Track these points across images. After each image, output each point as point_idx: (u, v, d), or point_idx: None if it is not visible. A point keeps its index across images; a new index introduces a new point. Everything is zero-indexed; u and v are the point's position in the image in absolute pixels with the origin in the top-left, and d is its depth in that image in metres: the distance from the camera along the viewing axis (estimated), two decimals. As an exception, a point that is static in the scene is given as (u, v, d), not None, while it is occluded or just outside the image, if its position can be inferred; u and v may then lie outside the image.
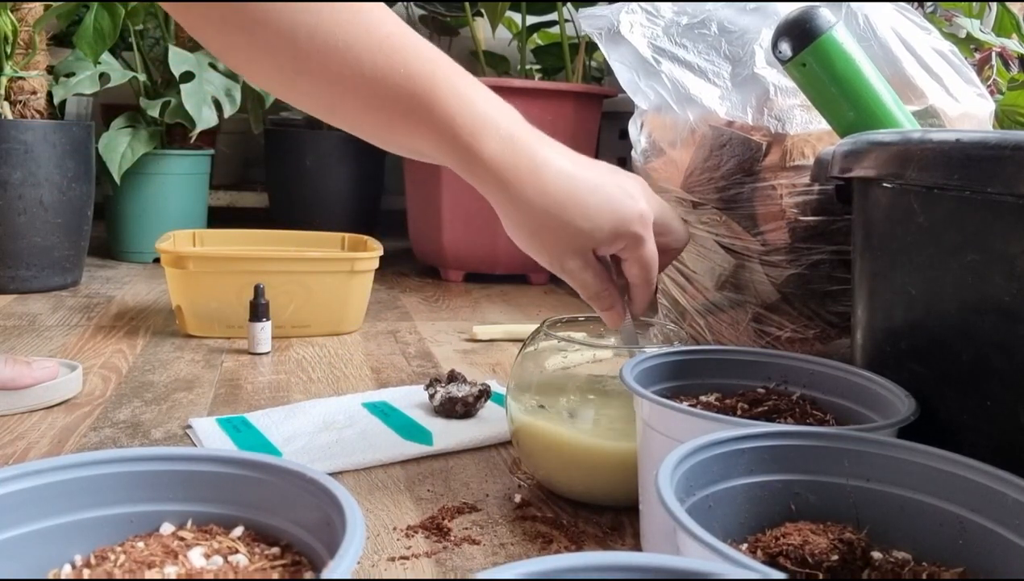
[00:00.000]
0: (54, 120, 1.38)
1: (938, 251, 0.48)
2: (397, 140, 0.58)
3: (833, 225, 0.74)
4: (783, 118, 0.75)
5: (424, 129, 0.56)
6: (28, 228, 1.30)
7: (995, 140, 0.44)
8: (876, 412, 0.52)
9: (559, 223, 0.56)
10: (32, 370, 0.78)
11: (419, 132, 0.56)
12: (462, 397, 0.78)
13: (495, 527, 0.59)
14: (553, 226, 0.57)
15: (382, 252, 1.17)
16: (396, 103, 0.55)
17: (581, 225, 0.57)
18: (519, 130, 0.57)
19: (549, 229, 0.57)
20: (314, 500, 0.36)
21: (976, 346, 0.46)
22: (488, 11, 1.70)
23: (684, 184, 0.79)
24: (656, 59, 0.81)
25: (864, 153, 0.54)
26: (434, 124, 0.55)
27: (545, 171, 0.56)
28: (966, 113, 0.76)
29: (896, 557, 0.39)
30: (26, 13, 1.37)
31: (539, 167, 0.56)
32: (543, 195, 0.56)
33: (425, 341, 1.13)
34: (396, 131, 0.57)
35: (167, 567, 0.35)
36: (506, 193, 0.56)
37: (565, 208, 0.56)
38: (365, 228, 1.50)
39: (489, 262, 1.59)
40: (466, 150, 0.55)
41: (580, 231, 0.57)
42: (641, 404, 0.51)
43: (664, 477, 0.36)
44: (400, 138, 0.58)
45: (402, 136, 0.57)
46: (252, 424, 0.75)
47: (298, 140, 1.93)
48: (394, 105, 0.55)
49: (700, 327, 0.84)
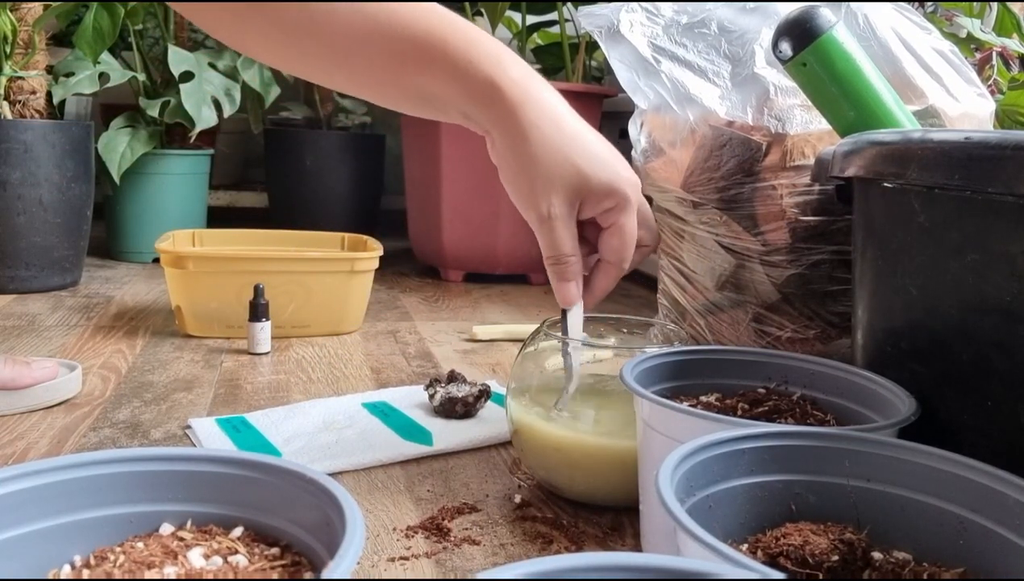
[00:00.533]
0: (53, 120, 1.38)
1: (938, 251, 0.48)
2: (407, 83, 0.59)
3: (833, 225, 0.74)
4: (783, 118, 0.75)
5: (439, 63, 0.57)
6: (27, 228, 1.30)
7: (995, 140, 0.44)
8: (876, 412, 0.52)
9: (562, 156, 0.57)
10: (32, 370, 0.78)
11: (434, 70, 0.57)
12: (462, 397, 0.78)
13: (495, 527, 0.58)
14: (555, 158, 0.57)
15: (382, 252, 1.17)
16: (409, 43, 0.56)
17: (582, 165, 0.57)
18: (532, 72, 0.59)
19: (550, 161, 0.57)
20: (314, 500, 0.36)
21: (977, 346, 0.46)
22: (488, 11, 1.69)
23: (684, 184, 0.79)
24: (656, 58, 0.81)
25: (864, 153, 0.54)
26: (450, 59, 0.56)
27: (556, 109, 0.58)
28: (966, 113, 0.76)
29: (896, 557, 0.39)
30: (26, 13, 1.37)
31: (551, 104, 0.58)
32: (554, 126, 0.57)
33: (425, 341, 1.13)
34: (408, 72, 0.58)
35: (167, 567, 0.35)
36: (518, 117, 0.57)
37: (571, 145, 0.57)
38: (365, 228, 1.50)
39: (489, 262, 1.59)
40: (486, 77, 0.56)
41: (579, 171, 0.57)
42: (641, 404, 0.51)
43: (664, 477, 0.36)
44: (411, 79, 0.58)
45: (413, 76, 0.58)
46: (252, 424, 0.75)
47: (298, 140, 1.93)
48: (406, 46, 0.56)
49: (700, 327, 0.84)
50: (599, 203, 0.58)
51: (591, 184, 0.57)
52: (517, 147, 0.57)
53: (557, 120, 0.57)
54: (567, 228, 0.58)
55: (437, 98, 0.59)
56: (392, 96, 0.61)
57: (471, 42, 0.57)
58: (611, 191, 0.57)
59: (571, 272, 0.59)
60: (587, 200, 0.58)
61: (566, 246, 0.58)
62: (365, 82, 0.60)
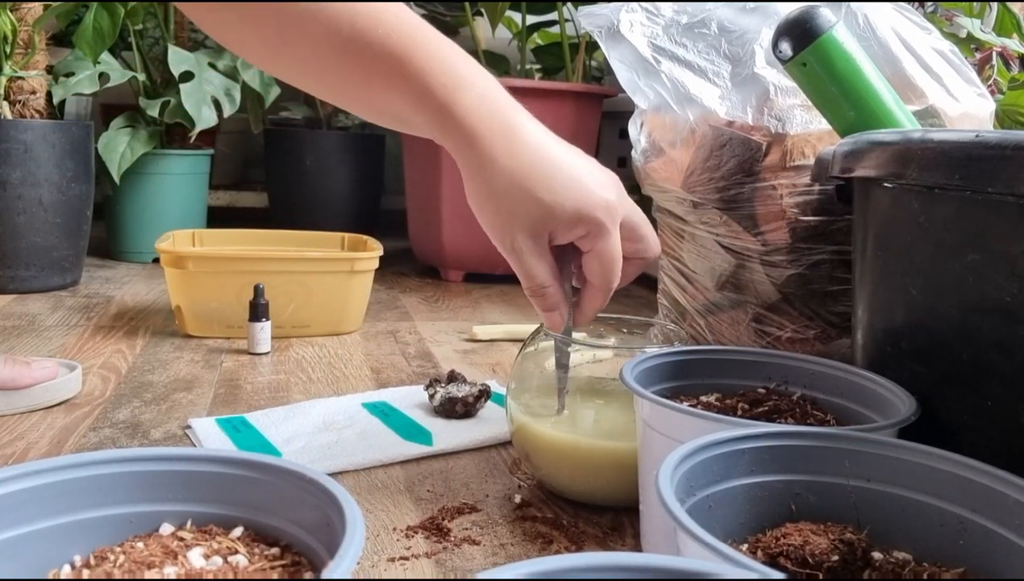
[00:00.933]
0: (53, 120, 1.38)
1: (938, 251, 0.48)
2: (375, 101, 0.57)
3: (833, 225, 0.74)
4: (783, 118, 0.75)
5: (400, 87, 0.55)
6: (27, 228, 1.30)
7: (995, 140, 0.44)
8: (876, 412, 0.52)
9: (521, 191, 0.54)
10: (31, 370, 0.78)
11: (395, 90, 0.55)
12: (462, 397, 0.78)
13: (495, 527, 0.58)
14: (514, 193, 0.54)
15: (382, 252, 1.17)
16: (374, 61, 0.55)
17: (543, 197, 0.54)
18: (496, 93, 0.56)
19: (509, 196, 0.54)
20: (314, 500, 0.36)
21: (977, 346, 0.46)
22: (488, 11, 1.69)
23: (684, 184, 0.79)
24: (656, 58, 0.81)
25: (864, 153, 0.54)
26: (409, 80, 0.54)
27: (517, 134, 0.55)
28: (966, 113, 0.76)
29: (896, 557, 0.39)
30: (26, 13, 1.37)
31: (512, 129, 0.55)
32: (510, 157, 0.54)
33: (425, 341, 1.13)
34: (374, 90, 0.56)
35: (167, 567, 0.35)
36: (473, 150, 0.54)
37: (529, 176, 0.54)
38: (365, 228, 1.50)
39: (489, 262, 1.59)
40: (440, 106, 0.54)
41: (541, 203, 0.54)
42: (641, 404, 0.51)
43: (664, 477, 0.36)
44: (378, 98, 0.57)
45: (380, 96, 0.56)
46: (252, 424, 0.75)
47: (298, 140, 1.93)
48: (372, 65, 0.55)
49: (700, 327, 0.84)
50: (569, 232, 0.55)
51: (555, 215, 0.54)
52: (474, 178, 0.55)
53: (516, 148, 0.54)
54: (536, 259, 0.56)
55: (404, 120, 0.57)
56: (365, 112, 0.60)
57: (430, 61, 0.54)
58: (579, 219, 0.54)
59: (550, 302, 0.57)
60: (555, 230, 0.55)
61: (539, 277, 0.56)
62: (341, 97, 0.59)
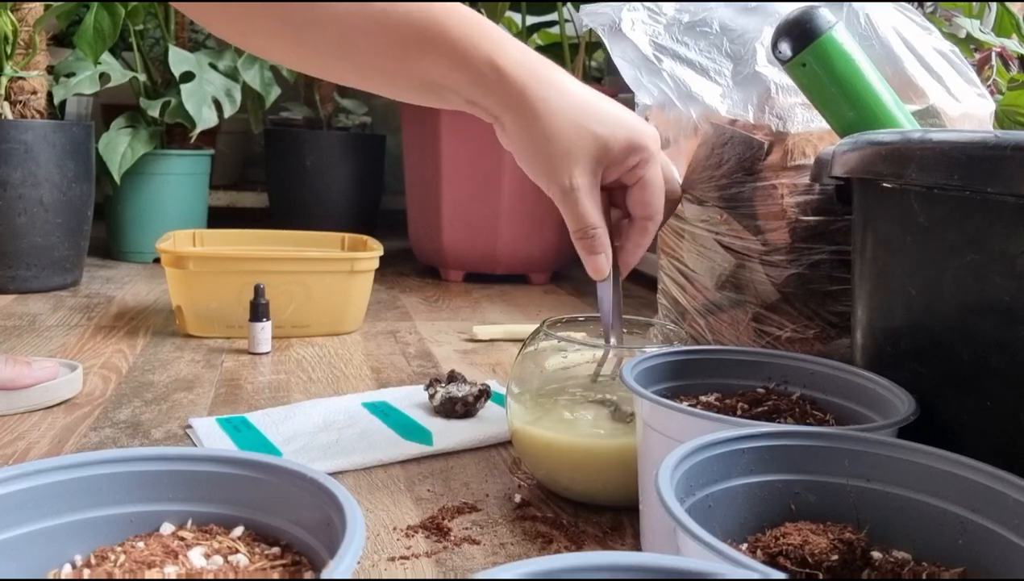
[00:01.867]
0: (54, 120, 1.38)
1: (938, 251, 0.48)
2: (410, 70, 0.58)
3: (833, 225, 0.74)
4: (784, 116, 0.75)
5: (440, 50, 0.56)
6: (28, 228, 1.30)
7: (995, 140, 0.44)
8: (876, 412, 0.52)
9: (577, 127, 0.56)
10: (32, 370, 0.78)
11: (434, 54, 0.56)
12: (462, 397, 0.78)
13: (495, 527, 0.59)
14: (569, 132, 0.56)
15: (382, 252, 1.17)
16: (410, 29, 0.56)
17: (598, 130, 0.56)
18: (532, 52, 0.58)
19: (564, 136, 0.56)
20: (314, 500, 0.36)
21: (976, 346, 0.46)
22: (488, 11, 1.69)
23: (685, 182, 0.79)
24: (658, 57, 0.81)
25: (864, 153, 0.54)
26: (451, 43, 0.56)
27: (562, 82, 0.57)
28: (966, 113, 0.76)
29: (896, 557, 0.39)
30: (26, 13, 1.37)
31: (560, 78, 0.57)
32: (561, 99, 0.56)
33: (425, 341, 1.13)
34: (410, 59, 0.57)
35: (167, 567, 0.35)
36: (525, 97, 0.56)
37: (585, 111, 0.56)
38: (365, 228, 1.50)
39: (489, 262, 1.59)
40: (485, 63, 0.56)
41: (596, 137, 0.56)
42: (641, 404, 0.51)
43: (664, 477, 0.36)
44: (413, 67, 0.58)
45: (415, 63, 0.57)
46: (252, 424, 0.75)
47: (298, 140, 1.93)
48: (407, 32, 0.56)
49: (700, 327, 0.84)
50: (623, 162, 0.57)
51: (611, 147, 0.56)
52: (529, 126, 0.57)
53: (564, 92, 0.57)
54: (591, 199, 0.57)
55: (441, 85, 0.58)
56: (397, 85, 0.60)
57: (470, 25, 0.56)
58: (633, 148, 0.57)
59: (599, 244, 0.59)
60: (611, 164, 0.57)
61: (591, 217, 0.58)
62: (368, 73, 0.59)
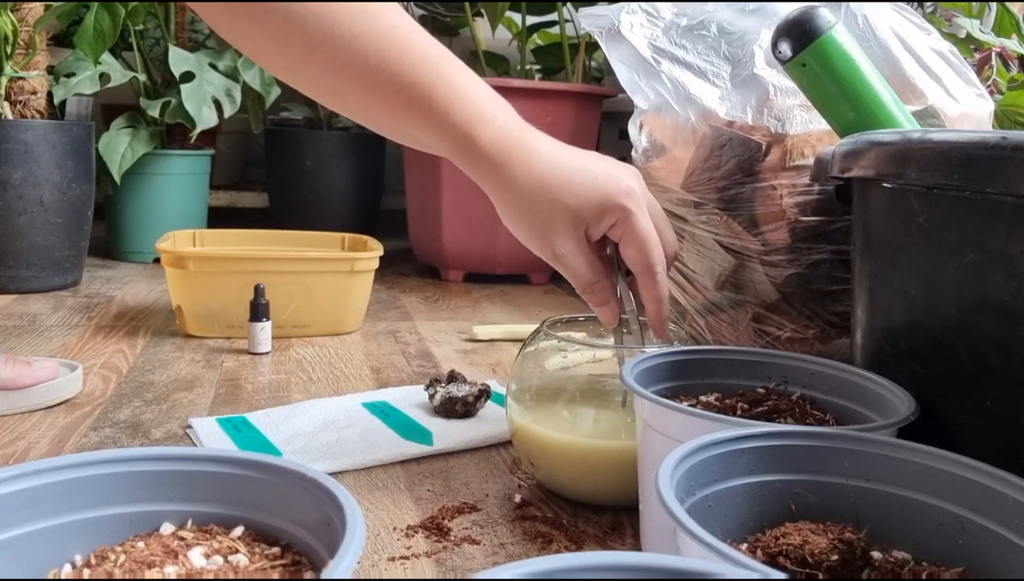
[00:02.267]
0: (54, 120, 1.38)
1: (938, 251, 0.48)
2: (398, 128, 0.61)
3: (833, 225, 0.74)
4: (783, 118, 0.75)
5: (424, 118, 0.59)
6: (28, 228, 1.30)
7: (995, 140, 0.44)
8: (876, 412, 0.52)
9: (546, 201, 0.58)
10: (32, 370, 0.78)
11: (419, 121, 0.59)
12: (462, 397, 0.78)
13: (495, 527, 0.59)
14: (541, 206, 0.59)
15: (382, 252, 1.17)
16: (398, 92, 0.58)
17: (568, 202, 0.58)
18: (512, 122, 0.60)
19: (537, 210, 0.59)
20: (314, 500, 0.36)
21: (976, 346, 0.46)
22: (488, 11, 1.69)
23: (684, 184, 0.79)
24: (656, 59, 0.81)
25: (864, 153, 0.54)
26: (433, 114, 0.58)
27: (535, 155, 0.59)
28: (966, 113, 0.76)
29: (896, 557, 0.39)
30: (26, 13, 1.37)
31: (529, 152, 0.59)
32: (531, 176, 0.59)
33: (425, 341, 1.13)
34: (397, 119, 0.60)
35: (167, 567, 0.35)
36: (498, 177, 0.59)
37: (550, 186, 0.59)
38: (365, 228, 1.50)
39: (489, 262, 1.59)
40: (463, 139, 0.59)
41: (567, 208, 0.58)
42: (641, 404, 0.51)
43: (664, 477, 0.36)
44: (401, 126, 0.61)
45: (402, 124, 0.60)
46: (252, 424, 0.75)
47: (298, 140, 1.93)
48: (396, 94, 0.58)
49: (700, 327, 0.84)
50: (599, 225, 0.59)
51: (584, 213, 0.58)
52: (505, 203, 0.60)
53: (535, 168, 0.59)
54: (580, 259, 0.60)
55: (426, 146, 0.61)
56: (384, 132, 0.63)
57: (453, 94, 0.58)
58: (604, 212, 0.58)
59: (602, 296, 0.61)
60: (589, 227, 0.59)
61: (586, 276, 0.60)
62: (362, 119, 0.62)
